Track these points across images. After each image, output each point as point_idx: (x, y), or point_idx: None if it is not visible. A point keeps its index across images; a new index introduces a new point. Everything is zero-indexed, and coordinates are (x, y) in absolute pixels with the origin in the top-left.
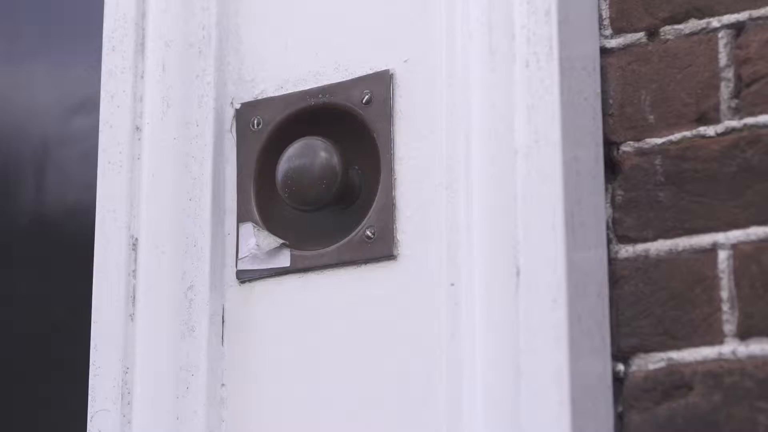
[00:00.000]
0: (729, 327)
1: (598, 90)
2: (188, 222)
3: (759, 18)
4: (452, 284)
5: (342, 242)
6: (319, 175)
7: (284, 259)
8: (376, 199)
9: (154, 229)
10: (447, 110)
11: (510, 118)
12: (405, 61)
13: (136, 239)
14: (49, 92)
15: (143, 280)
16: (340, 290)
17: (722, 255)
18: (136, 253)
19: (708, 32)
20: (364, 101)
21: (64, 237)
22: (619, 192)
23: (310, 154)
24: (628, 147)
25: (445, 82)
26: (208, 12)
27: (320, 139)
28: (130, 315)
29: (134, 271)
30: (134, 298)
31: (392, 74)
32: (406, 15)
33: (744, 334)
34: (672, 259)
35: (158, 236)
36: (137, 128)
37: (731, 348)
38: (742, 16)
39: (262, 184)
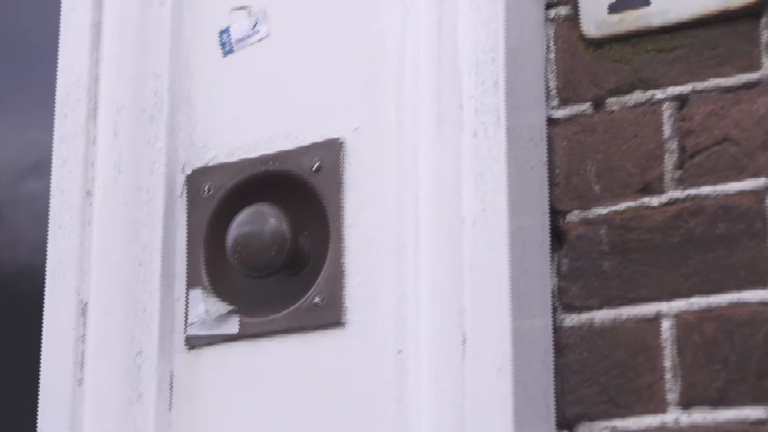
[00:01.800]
0: (672, 396)
1: (545, 159)
2: (138, 287)
3: (702, 90)
4: (400, 351)
5: (291, 309)
6: (269, 241)
7: (233, 325)
8: (326, 265)
9: (103, 294)
10: (396, 178)
11: (458, 187)
12: (355, 129)
13: (86, 304)
14: (2, 154)
15: (92, 346)
16: (288, 357)
17: (665, 324)
18: (85, 318)
19: (652, 104)
20: (314, 169)
21: (14, 297)
22: (565, 261)
23: (260, 221)
24: (573, 216)
25: (394, 151)
26: (161, 78)
27: (270, 205)
28: (79, 380)
29: (83, 336)
30: (83, 363)
31: (342, 142)
32: (356, 84)
33: (686, 403)
34: (616, 327)
35: (108, 301)
36: (88, 193)
37: (674, 417)
38: (686, 88)
39: (213, 250)
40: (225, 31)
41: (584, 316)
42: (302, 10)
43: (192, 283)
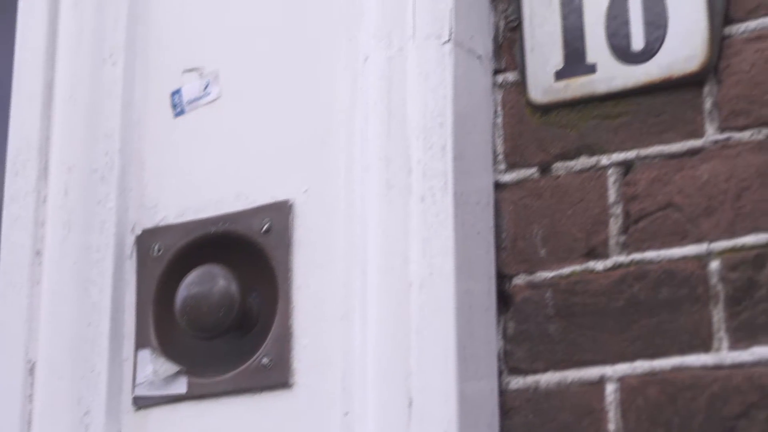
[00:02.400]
0: None
1: (492, 224)
2: (86, 347)
3: (646, 156)
4: (346, 413)
5: (239, 370)
6: (218, 302)
7: (181, 386)
8: (274, 326)
9: (51, 353)
10: (345, 241)
11: (405, 251)
12: (305, 191)
13: (34, 363)
14: None
15: (40, 405)
16: (235, 418)
17: (609, 388)
18: (33, 378)
19: (598, 169)
20: (263, 230)
21: None
22: (511, 324)
23: (209, 282)
24: (520, 280)
25: (343, 214)
26: (112, 138)
27: (220, 266)
28: None
29: (31, 395)
30: (30, 422)
31: (292, 204)
32: (306, 147)
33: None
34: (561, 391)
35: (56, 361)
36: (38, 252)
37: None
38: (631, 154)
39: (162, 310)
40: (177, 93)
41: (530, 379)
42: (254, 72)
43: (140, 343)
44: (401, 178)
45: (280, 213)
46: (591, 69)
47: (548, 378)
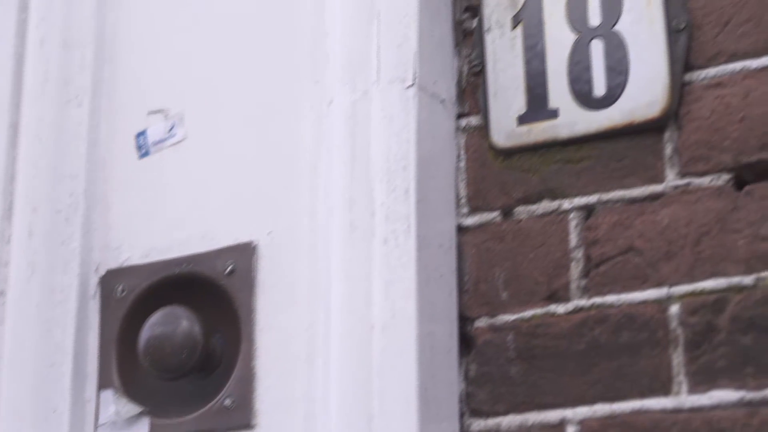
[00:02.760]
0: None
1: (454, 267)
2: (48, 388)
3: (608, 201)
4: None
5: (201, 411)
6: (181, 343)
7: (143, 427)
8: (237, 368)
9: (14, 394)
10: (308, 283)
11: (368, 293)
12: (269, 233)
13: None
14: None
15: None
16: None
17: (570, 430)
18: None
19: (560, 213)
20: (227, 272)
21: None
22: (473, 366)
23: (172, 323)
24: (481, 323)
25: (306, 256)
26: (77, 179)
27: (183, 307)
28: None
29: None
30: None
31: (256, 246)
32: (271, 189)
33: None
34: None
35: (18, 402)
36: (2, 292)
37: None
38: (592, 198)
39: (125, 351)
40: (142, 134)
41: (491, 422)
42: (219, 114)
43: (103, 383)
44: (364, 220)
45: (244, 254)
46: (553, 114)
47: (510, 420)
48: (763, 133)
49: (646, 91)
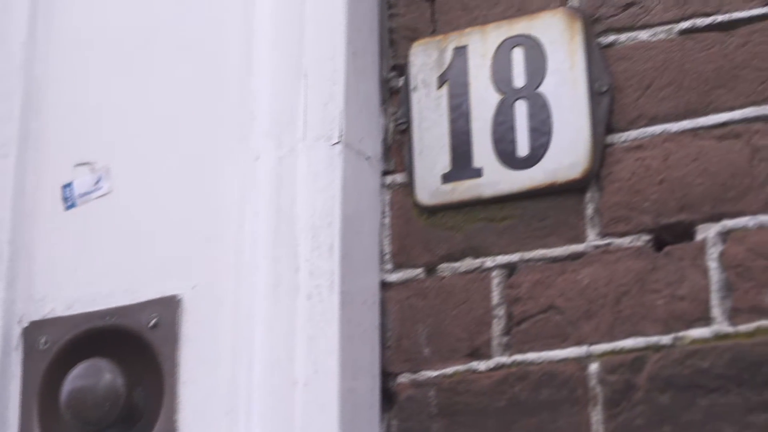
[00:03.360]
0: None
1: (377, 322)
2: None
3: (530, 260)
4: None
5: None
6: (103, 396)
7: None
8: (159, 421)
9: None
10: (232, 338)
11: (291, 349)
12: (193, 287)
13: None
14: None
15: None
16: None
17: None
18: None
19: (482, 271)
20: (151, 325)
21: None
22: (395, 422)
23: (94, 375)
24: (404, 378)
25: (230, 310)
26: (2, 229)
27: (106, 360)
28: None
29: None
30: None
31: (180, 299)
32: (196, 242)
33: None
34: None
35: None
36: None
37: None
38: (515, 257)
39: (47, 403)
40: (68, 186)
41: None
42: (146, 167)
43: None
44: (289, 276)
45: (168, 308)
46: (477, 173)
47: None
48: (682, 195)
49: (568, 153)
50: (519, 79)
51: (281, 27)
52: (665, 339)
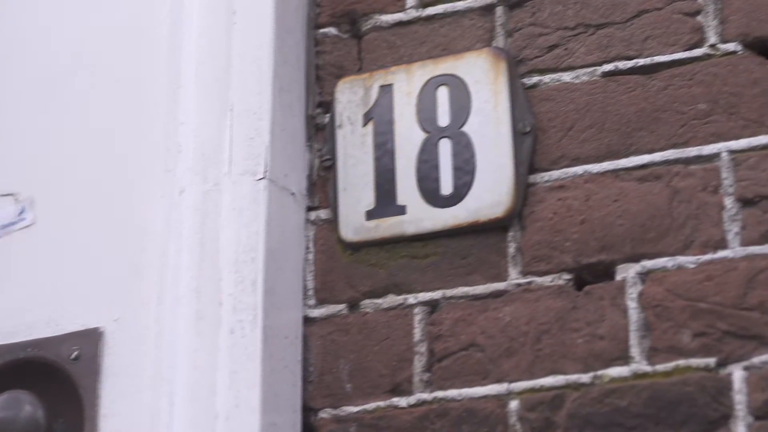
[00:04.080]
0: None
1: (300, 357)
2: None
3: (452, 297)
4: None
5: None
6: (23, 428)
7: None
8: None
9: None
10: (154, 371)
11: (213, 383)
12: (115, 320)
13: None
14: None
15: None
16: None
17: None
18: None
19: (405, 308)
20: (72, 357)
21: None
22: None
23: (15, 407)
24: (325, 414)
25: (153, 343)
26: None
27: (27, 392)
28: None
29: None
30: None
31: (102, 332)
32: (120, 275)
33: None
34: None
35: None
36: None
37: None
38: (437, 294)
39: None
40: None
41: None
42: (70, 199)
43: None
44: (212, 310)
45: (90, 340)
46: (401, 210)
47: None
48: (603, 236)
49: (491, 192)
50: (444, 118)
51: (208, 59)
52: (584, 377)
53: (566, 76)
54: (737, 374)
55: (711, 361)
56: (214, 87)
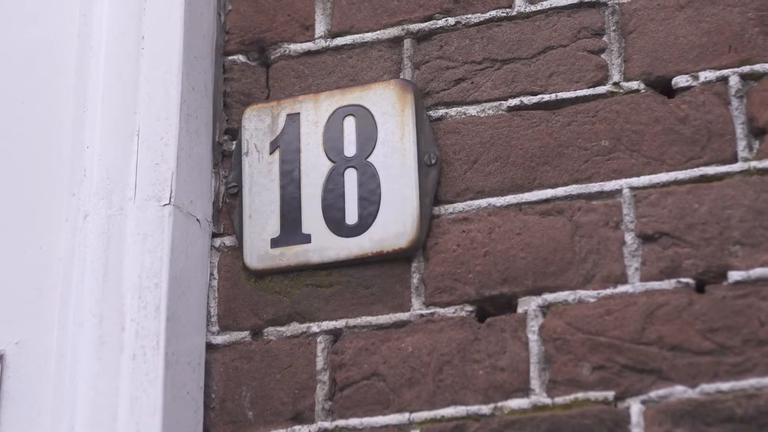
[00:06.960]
0: None
1: (202, 384)
2: None
3: (355, 326)
4: None
5: None
6: None
7: None
8: None
9: None
10: (54, 395)
11: (114, 408)
12: (16, 343)
13: None
14: None
15: None
16: None
17: None
18: None
19: (308, 336)
20: None
21: None
22: None
23: None
24: None
25: (54, 368)
26: None
27: None
28: None
29: None
30: None
31: (2, 355)
32: (21, 298)
33: None
34: None
35: None
36: None
37: None
38: (340, 323)
39: None
40: None
41: None
42: None
43: None
44: (114, 335)
45: None
46: (306, 239)
47: None
48: (505, 268)
49: (396, 222)
50: (350, 148)
51: (115, 83)
52: (485, 408)
53: (472, 110)
54: (635, 408)
55: (609, 394)
56: (120, 111)
